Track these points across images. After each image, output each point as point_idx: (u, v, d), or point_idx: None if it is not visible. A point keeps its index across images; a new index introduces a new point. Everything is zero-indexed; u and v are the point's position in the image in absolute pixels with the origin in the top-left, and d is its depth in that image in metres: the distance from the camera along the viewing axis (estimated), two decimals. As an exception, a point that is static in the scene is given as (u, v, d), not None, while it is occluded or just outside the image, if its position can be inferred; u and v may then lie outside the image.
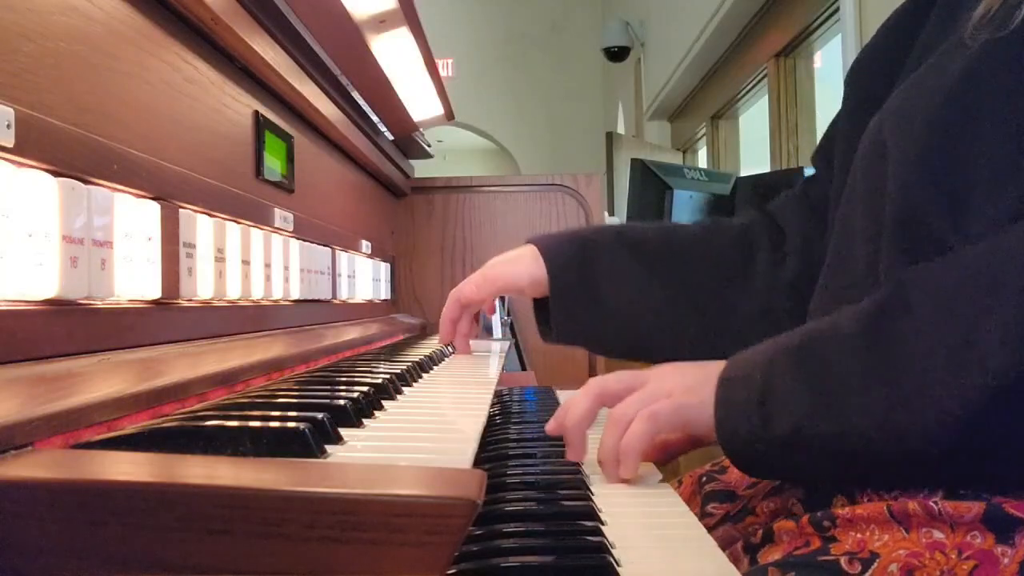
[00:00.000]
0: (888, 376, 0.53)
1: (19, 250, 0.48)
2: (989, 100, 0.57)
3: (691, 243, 0.94)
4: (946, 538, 0.52)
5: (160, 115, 0.70)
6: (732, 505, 0.73)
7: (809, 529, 0.58)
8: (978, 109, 0.57)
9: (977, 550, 0.51)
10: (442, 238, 1.83)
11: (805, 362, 0.58)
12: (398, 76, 1.33)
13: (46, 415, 0.42)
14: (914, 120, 0.61)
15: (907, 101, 0.63)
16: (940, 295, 0.53)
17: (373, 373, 0.76)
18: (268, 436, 0.44)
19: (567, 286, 0.92)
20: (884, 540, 0.53)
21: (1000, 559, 0.50)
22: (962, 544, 0.51)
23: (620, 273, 0.91)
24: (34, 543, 0.33)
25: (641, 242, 0.93)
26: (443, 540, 0.32)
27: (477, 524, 0.54)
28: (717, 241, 0.93)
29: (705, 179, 3.02)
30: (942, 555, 0.51)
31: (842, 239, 0.71)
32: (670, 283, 0.91)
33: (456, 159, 9.89)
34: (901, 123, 0.62)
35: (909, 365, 0.52)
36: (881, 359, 0.54)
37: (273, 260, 0.90)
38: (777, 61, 3.88)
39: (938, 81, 0.60)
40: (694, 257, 0.92)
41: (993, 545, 0.51)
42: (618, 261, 0.91)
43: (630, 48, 6.31)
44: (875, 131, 0.65)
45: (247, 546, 0.33)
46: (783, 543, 0.59)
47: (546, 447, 0.80)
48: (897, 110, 0.64)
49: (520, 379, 1.46)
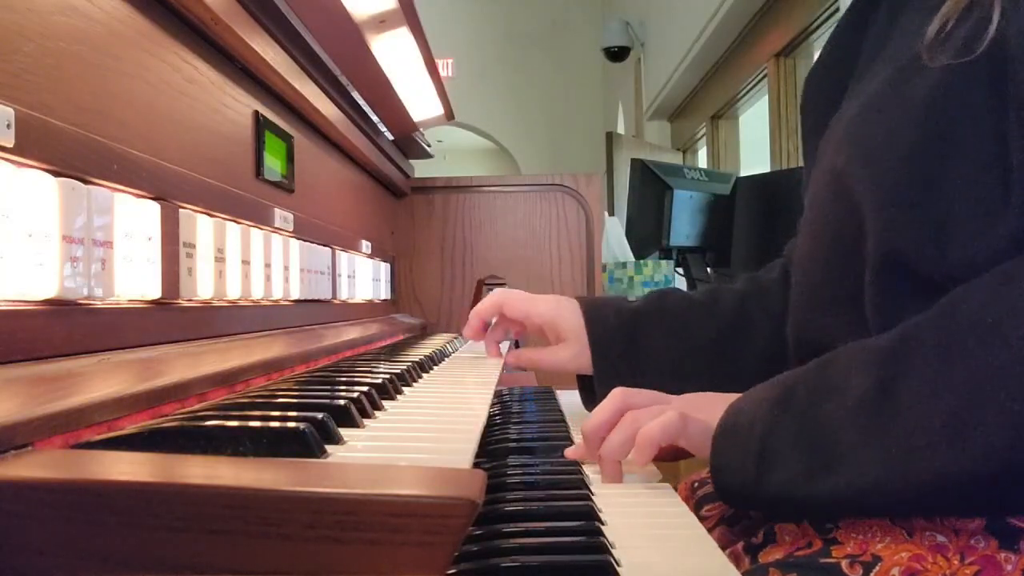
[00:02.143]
0: (883, 443, 0.52)
1: (19, 250, 0.48)
2: (961, 129, 0.55)
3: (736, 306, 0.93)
4: (949, 543, 0.52)
5: (160, 115, 0.70)
6: (727, 507, 0.73)
7: (811, 530, 0.58)
8: (951, 138, 0.56)
9: (980, 555, 0.50)
10: (442, 238, 1.83)
11: (805, 426, 0.56)
12: (398, 76, 1.33)
13: (46, 415, 0.42)
14: (882, 153, 0.59)
15: (867, 128, 0.61)
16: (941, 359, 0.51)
17: (373, 373, 0.76)
18: (268, 436, 0.44)
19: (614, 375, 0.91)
20: (886, 543, 0.53)
21: (1003, 565, 0.50)
22: (965, 548, 0.51)
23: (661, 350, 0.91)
24: (34, 543, 0.33)
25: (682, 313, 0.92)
26: (443, 540, 0.32)
27: (477, 524, 0.54)
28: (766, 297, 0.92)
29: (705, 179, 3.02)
30: (944, 559, 0.51)
31: (800, 264, 0.72)
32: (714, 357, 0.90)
33: (456, 159, 9.90)
34: (868, 155, 0.61)
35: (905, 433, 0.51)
36: (880, 428, 0.52)
37: (273, 260, 0.90)
38: (777, 61, 3.88)
39: (902, 110, 0.58)
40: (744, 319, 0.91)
41: (997, 551, 0.50)
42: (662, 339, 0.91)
43: (630, 48, 6.31)
44: (832, 157, 0.65)
45: (247, 546, 0.33)
46: (784, 543, 0.59)
47: (546, 447, 0.80)
48: (857, 139, 0.62)
49: (520, 379, 1.46)
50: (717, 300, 0.92)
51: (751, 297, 0.92)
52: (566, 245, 1.83)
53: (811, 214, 0.71)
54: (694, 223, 2.91)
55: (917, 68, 0.58)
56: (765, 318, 0.89)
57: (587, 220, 1.82)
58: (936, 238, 0.56)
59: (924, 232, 0.57)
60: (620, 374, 0.90)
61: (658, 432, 0.65)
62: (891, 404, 0.52)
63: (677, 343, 0.90)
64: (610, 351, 0.92)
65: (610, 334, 0.92)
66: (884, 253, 0.59)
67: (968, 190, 0.55)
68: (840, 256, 0.65)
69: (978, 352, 0.49)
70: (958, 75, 0.55)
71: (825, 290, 0.68)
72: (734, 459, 0.60)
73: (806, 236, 0.72)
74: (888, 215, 0.58)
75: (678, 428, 0.65)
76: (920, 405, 0.51)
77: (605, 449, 0.68)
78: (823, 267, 0.68)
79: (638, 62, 6.35)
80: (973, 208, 0.55)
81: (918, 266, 0.57)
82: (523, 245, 1.83)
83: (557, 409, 1.03)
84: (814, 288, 0.70)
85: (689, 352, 0.90)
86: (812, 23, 3.53)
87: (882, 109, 0.60)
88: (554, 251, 1.83)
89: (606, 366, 0.91)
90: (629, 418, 0.68)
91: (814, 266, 0.70)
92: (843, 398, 0.55)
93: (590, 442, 0.71)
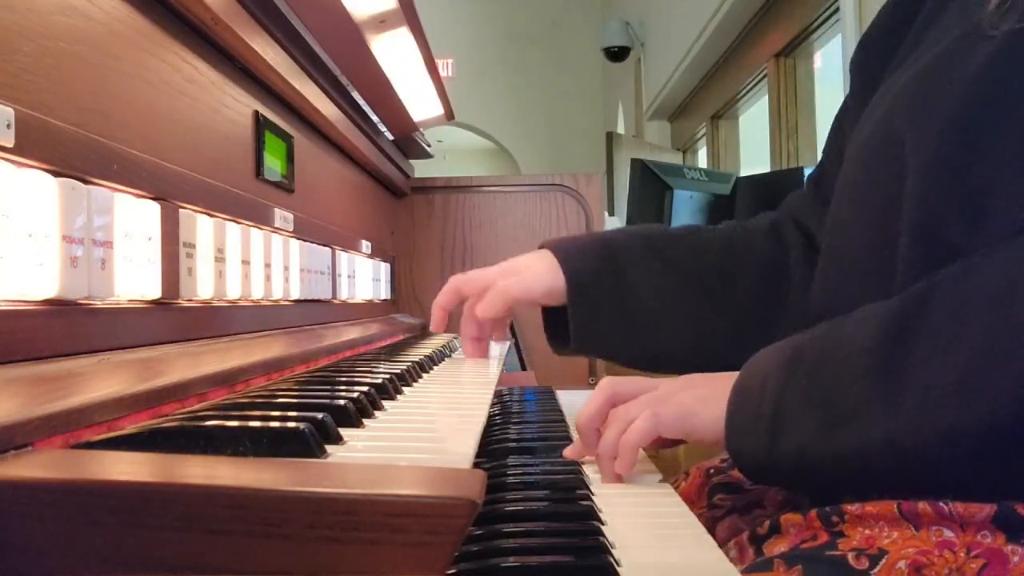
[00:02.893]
0: (894, 398, 0.52)
1: (19, 250, 0.48)
2: (1013, 96, 0.54)
3: (724, 244, 0.90)
4: (956, 537, 0.51)
5: (160, 115, 0.70)
6: (739, 497, 0.73)
7: (817, 523, 0.58)
8: (1001, 105, 0.54)
9: (986, 548, 0.50)
10: (442, 238, 1.83)
11: (818, 383, 0.56)
12: (398, 76, 1.33)
13: (46, 415, 0.42)
14: (932, 115, 0.58)
15: (923, 90, 0.60)
16: (956, 315, 0.51)
17: (373, 373, 0.76)
18: (268, 436, 0.44)
19: (591, 296, 0.87)
20: (893, 537, 0.53)
21: (1010, 557, 0.49)
22: (972, 543, 0.51)
23: (650, 281, 0.87)
24: (34, 543, 0.33)
25: (668, 246, 0.90)
26: (443, 540, 0.32)
27: (477, 524, 0.54)
28: (752, 241, 0.90)
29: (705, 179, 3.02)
30: (951, 553, 0.51)
31: (838, 229, 0.70)
32: (703, 287, 0.88)
33: (456, 159, 9.89)
34: (918, 116, 0.59)
35: (917, 387, 0.51)
36: (891, 381, 0.52)
37: (273, 260, 0.90)
38: (777, 61, 3.88)
39: (959, 73, 0.57)
40: (732, 258, 0.89)
41: (1003, 544, 0.50)
42: (649, 269, 0.88)
43: (630, 48, 6.31)
44: (886, 119, 0.63)
45: (247, 546, 0.33)
46: (790, 535, 0.59)
47: (546, 447, 0.80)
48: (912, 101, 0.61)
49: (520, 379, 1.46)
50: (700, 234, 0.91)
51: (738, 237, 0.90)
52: (566, 245, 1.83)
53: (855, 176, 0.68)
54: (694, 223, 2.91)
55: (979, 36, 0.57)
56: (752, 258, 0.88)
57: (587, 220, 1.82)
58: (973, 208, 0.55)
59: (962, 201, 0.55)
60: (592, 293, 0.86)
61: (636, 438, 0.66)
62: (901, 360, 0.52)
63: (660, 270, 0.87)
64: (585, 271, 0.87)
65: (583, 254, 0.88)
66: (920, 221, 0.58)
67: (1013, 160, 0.54)
68: (882, 223, 0.63)
69: (991, 313, 0.49)
70: (1019, 39, 0.54)
71: (860, 259, 0.66)
72: (747, 423, 0.60)
73: (845, 200, 0.70)
74: (928, 179, 0.57)
75: (652, 427, 0.65)
76: (932, 361, 0.50)
77: (601, 448, 0.68)
78: (863, 233, 0.66)
79: (638, 62, 6.35)
80: (1013, 180, 0.53)
81: (953, 238, 0.56)
82: (523, 245, 1.82)
83: (557, 409, 1.03)
84: (848, 256, 0.68)
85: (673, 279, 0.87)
86: (812, 23, 3.52)
87: (940, 74, 0.59)
88: (554, 251, 1.83)
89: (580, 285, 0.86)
90: (621, 412, 0.68)
91: (851, 232, 0.68)
92: (853, 355, 0.55)
93: (585, 436, 0.71)
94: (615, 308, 0.88)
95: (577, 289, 0.87)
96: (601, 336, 0.89)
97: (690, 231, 0.94)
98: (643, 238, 0.91)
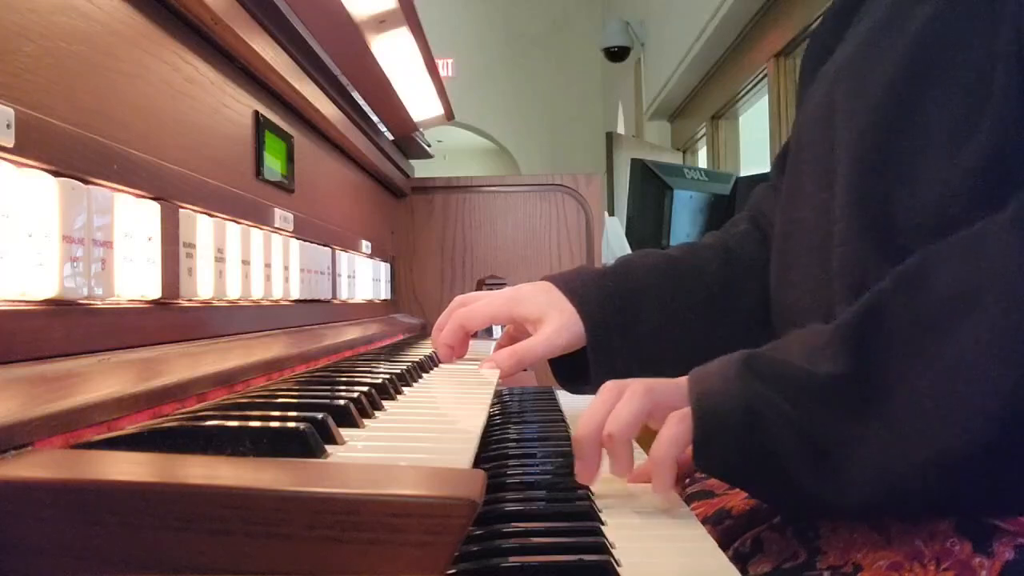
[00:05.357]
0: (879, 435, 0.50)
1: (19, 250, 0.48)
2: (950, 53, 0.53)
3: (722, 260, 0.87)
4: (924, 546, 0.51)
5: (160, 115, 0.70)
6: (710, 504, 0.73)
7: (794, 541, 0.58)
8: (937, 64, 0.53)
9: (955, 560, 0.50)
10: (442, 238, 1.83)
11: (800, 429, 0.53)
12: (398, 76, 1.33)
13: (46, 415, 0.42)
14: (867, 79, 0.56)
15: (860, 62, 0.59)
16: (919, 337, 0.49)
17: (373, 373, 0.76)
18: (268, 436, 0.44)
19: (611, 348, 0.83)
20: (864, 552, 0.54)
21: (977, 571, 0.49)
22: (941, 553, 0.51)
23: (664, 329, 0.84)
24: (34, 543, 0.33)
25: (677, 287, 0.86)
26: (443, 540, 0.32)
27: (477, 524, 0.54)
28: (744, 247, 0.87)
29: (705, 179, 3.03)
30: (921, 566, 0.51)
31: (790, 204, 0.68)
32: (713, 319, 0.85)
33: (456, 159, 9.89)
34: (853, 83, 0.58)
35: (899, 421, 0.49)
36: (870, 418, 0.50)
37: (273, 260, 0.90)
38: (777, 61, 3.88)
39: (896, 38, 0.56)
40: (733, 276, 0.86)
41: (971, 555, 0.50)
42: (663, 313, 0.85)
43: (630, 48, 6.31)
44: (826, 89, 0.62)
45: (247, 546, 0.33)
46: (772, 554, 0.60)
47: (546, 447, 0.80)
48: (849, 73, 0.59)
49: (520, 379, 1.46)
50: (697, 254, 0.88)
51: (730, 251, 0.88)
52: (566, 245, 1.83)
53: (796, 157, 0.67)
54: (694, 223, 2.91)
55: (919, 4, 0.56)
56: (748, 271, 0.86)
57: (587, 220, 1.82)
58: (907, 174, 0.53)
59: (896, 167, 0.54)
60: (613, 342, 0.83)
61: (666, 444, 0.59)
62: (875, 391, 0.50)
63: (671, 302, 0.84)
64: (604, 320, 0.84)
65: (600, 300, 0.84)
66: (855, 195, 0.56)
67: (938, 120, 0.52)
68: (814, 200, 0.61)
69: (958, 325, 0.48)
70: (954, 2, 0.54)
71: (797, 241, 0.65)
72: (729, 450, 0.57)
73: (787, 187, 0.69)
74: (863, 146, 0.56)
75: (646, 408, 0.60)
76: (907, 388, 0.49)
77: (613, 425, 0.61)
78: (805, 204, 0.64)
79: (638, 62, 6.35)
80: (942, 139, 0.52)
81: (887, 207, 0.54)
82: (523, 245, 1.83)
83: (557, 409, 1.04)
84: (786, 238, 0.67)
85: (685, 308, 0.85)
86: (812, 23, 3.52)
87: (878, 42, 0.58)
88: (554, 251, 1.83)
89: (601, 333, 0.83)
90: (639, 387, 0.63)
91: (787, 214, 0.67)
92: (822, 391, 0.52)
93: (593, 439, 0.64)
94: (634, 358, 0.84)
95: (596, 345, 0.83)
96: (613, 372, 0.85)
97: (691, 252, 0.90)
98: (656, 278, 0.86)
